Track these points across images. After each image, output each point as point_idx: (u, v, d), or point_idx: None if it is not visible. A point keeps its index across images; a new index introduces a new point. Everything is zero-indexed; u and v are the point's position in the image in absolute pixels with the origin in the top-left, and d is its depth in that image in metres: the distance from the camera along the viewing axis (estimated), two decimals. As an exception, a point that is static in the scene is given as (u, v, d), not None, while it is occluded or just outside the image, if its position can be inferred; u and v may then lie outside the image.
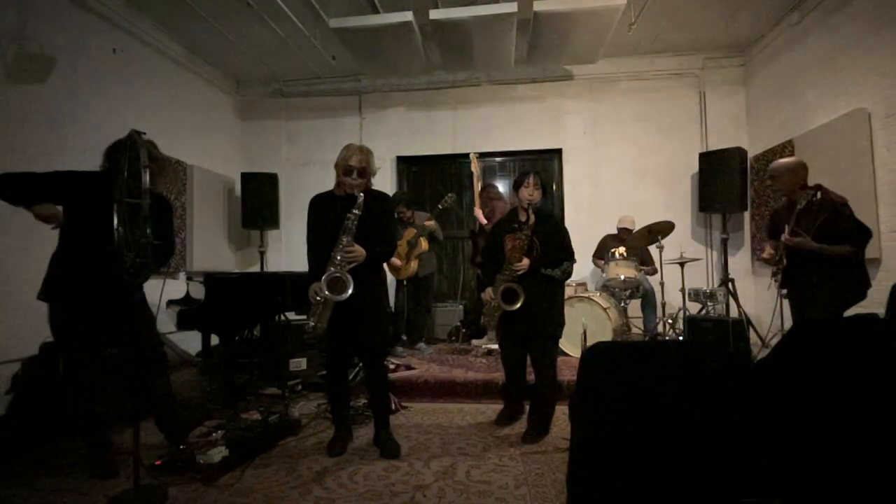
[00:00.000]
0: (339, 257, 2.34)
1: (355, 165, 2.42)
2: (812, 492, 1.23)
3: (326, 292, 2.30)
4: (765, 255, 2.93)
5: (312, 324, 2.39)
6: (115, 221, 1.92)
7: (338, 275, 2.32)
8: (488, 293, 2.73)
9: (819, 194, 2.58)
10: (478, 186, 4.37)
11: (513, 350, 2.76)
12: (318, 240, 2.47)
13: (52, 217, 2.12)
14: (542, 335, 2.64)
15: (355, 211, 2.35)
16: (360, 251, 2.36)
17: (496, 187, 4.65)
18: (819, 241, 2.59)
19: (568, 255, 2.68)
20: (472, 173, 4.46)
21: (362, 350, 2.58)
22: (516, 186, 2.70)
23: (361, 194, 2.38)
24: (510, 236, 2.68)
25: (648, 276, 4.72)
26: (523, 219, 2.67)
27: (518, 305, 2.56)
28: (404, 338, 4.60)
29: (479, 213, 4.23)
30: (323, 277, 2.32)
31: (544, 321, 2.62)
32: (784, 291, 2.93)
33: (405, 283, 4.46)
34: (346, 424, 2.64)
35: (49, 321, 2.24)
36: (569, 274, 2.69)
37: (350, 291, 2.30)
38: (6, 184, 2.14)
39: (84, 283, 2.20)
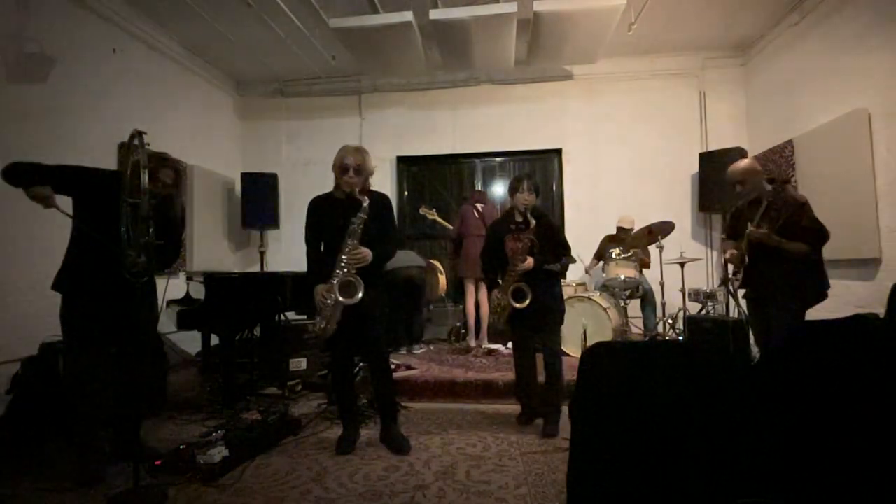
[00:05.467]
0: (345, 260, 2.38)
1: (351, 164, 2.47)
2: (812, 492, 1.23)
3: (340, 297, 2.36)
4: (728, 256, 2.84)
5: (322, 325, 2.43)
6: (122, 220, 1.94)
7: (350, 279, 2.38)
8: (495, 295, 2.92)
9: (782, 190, 2.57)
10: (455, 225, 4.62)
11: (525, 339, 2.92)
12: (319, 241, 2.53)
13: (45, 199, 2.11)
14: (551, 322, 2.86)
15: (361, 215, 2.39)
16: (366, 253, 2.41)
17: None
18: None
19: (565, 251, 2.88)
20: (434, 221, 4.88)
21: (367, 348, 2.61)
22: (511, 191, 2.87)
23: (366, 198, 2.42)
24: (510, 237, 2.82)
25: (647, 274, 4.72)
26: (520, 219, 2.79)
27: (527, 303, 2.73)
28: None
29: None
30: (335, 282, 2.37)
31: (552, 310, 2.83)
32: (742, 291, 2.86)
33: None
34: (355, 423, 2.66)
35: (60, 314, 2.23)
36: (566, 268, 2.92)
37: (360, 295, 2.37)
38: (22, 170, 2.11)
39: (95, 278, 2.21)
